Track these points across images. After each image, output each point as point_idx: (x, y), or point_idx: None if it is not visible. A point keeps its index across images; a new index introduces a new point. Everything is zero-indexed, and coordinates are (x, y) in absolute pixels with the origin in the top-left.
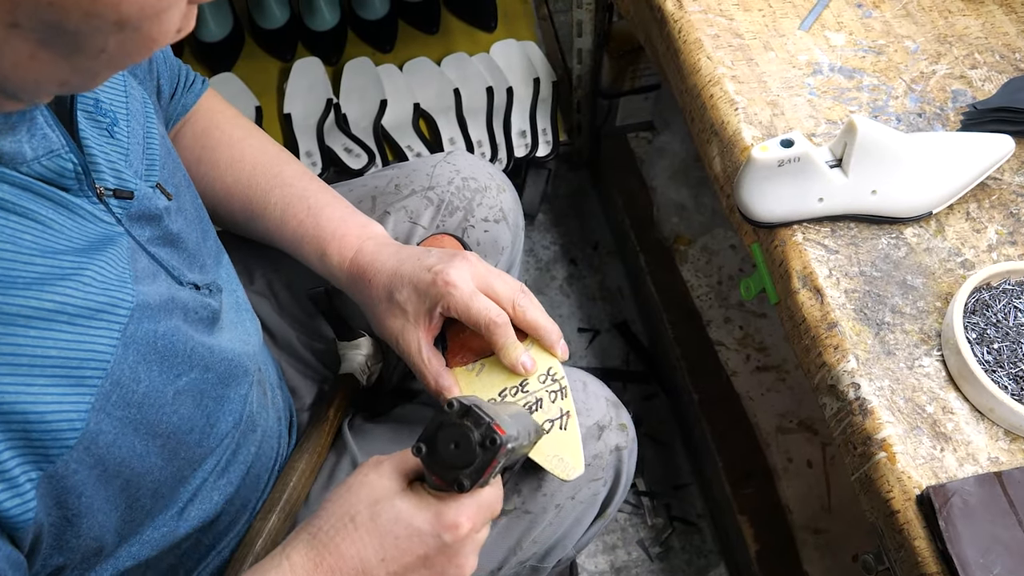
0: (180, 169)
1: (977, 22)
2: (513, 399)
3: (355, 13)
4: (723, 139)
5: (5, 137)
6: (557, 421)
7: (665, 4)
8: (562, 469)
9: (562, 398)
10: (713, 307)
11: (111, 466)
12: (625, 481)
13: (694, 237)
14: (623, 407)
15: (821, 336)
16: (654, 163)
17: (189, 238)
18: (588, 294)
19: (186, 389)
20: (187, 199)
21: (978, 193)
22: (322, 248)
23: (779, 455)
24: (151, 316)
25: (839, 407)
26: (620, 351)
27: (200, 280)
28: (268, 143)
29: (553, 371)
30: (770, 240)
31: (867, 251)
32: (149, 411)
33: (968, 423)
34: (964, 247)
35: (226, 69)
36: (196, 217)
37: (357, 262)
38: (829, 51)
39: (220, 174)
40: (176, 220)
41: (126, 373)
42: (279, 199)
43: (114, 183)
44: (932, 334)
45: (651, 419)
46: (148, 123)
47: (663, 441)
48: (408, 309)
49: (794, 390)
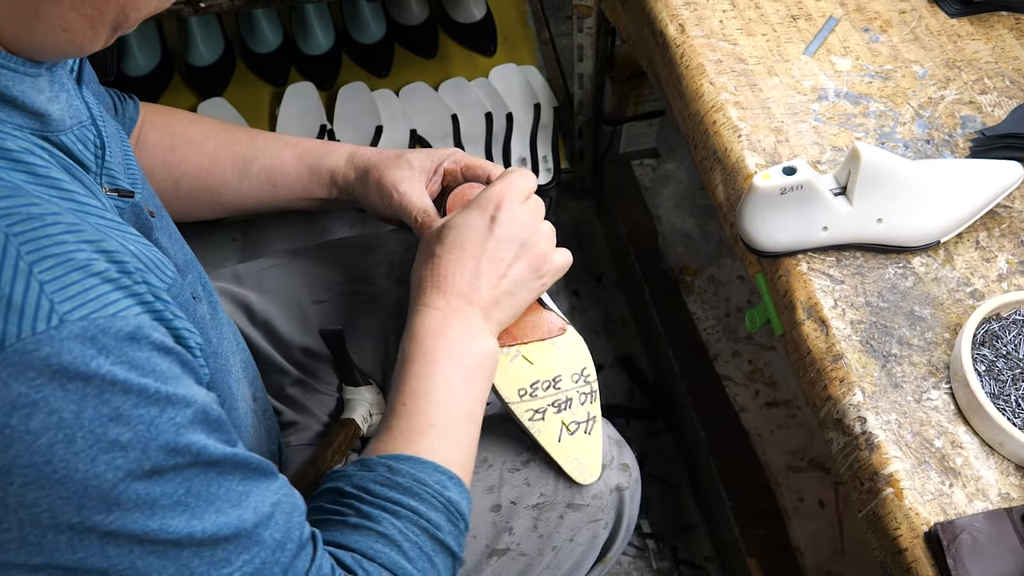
0: (155, 196)
1: (987, 46)
2: (545, 393)
3: (350, 36)
4: (726, 167)
5: (53, 103)
6: (583, 424)
7: (667, 29)
8: (579, 472)
9: (591, 402)
10: (720, 340)
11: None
12: (627, 524)
13: (701, 268)
14: (626, 445)
15: (826, 368)
16: (659, 191)
17: (176, 255)
18: (591, 327)
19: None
20: (169, 223)
21: (988, 221)
22: (327, 148)
23: (790, 495)
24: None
25: (845, 442)
26: (624, 386)
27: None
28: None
29: (587, 372)
30: (774, 270)
31: (873, 281)
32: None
33: (978, 458)
34: (973, 277)
35: (217, 94)
36: (180, 243)
37: (361, 151)
38: (835, 76)
39: (199, 146)
40: (160, 236)
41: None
42: (265, 140)
43: (110, 183)
44: (940, 366)
45: (656, 457)
46: (124, 145)
47: (669, 480)
48: (414, 163)
49: (805, 427)
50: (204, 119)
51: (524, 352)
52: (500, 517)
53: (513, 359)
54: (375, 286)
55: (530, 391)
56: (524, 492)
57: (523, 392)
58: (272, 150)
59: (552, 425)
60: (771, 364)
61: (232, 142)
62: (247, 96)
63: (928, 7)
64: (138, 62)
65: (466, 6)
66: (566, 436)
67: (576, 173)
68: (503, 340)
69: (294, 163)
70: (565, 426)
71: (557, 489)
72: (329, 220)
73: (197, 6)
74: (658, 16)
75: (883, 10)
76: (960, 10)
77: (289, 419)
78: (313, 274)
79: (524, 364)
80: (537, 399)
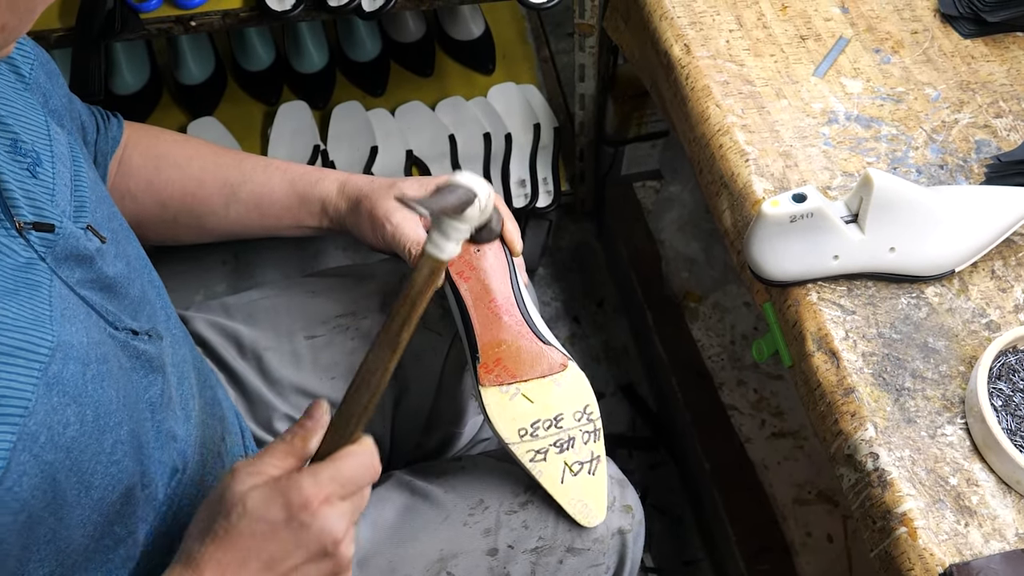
0: (118, 217)
1: (1002, 68)
2: (546, 432)
3: (344, 54)
4: (733, 192)
5: None
6: (587, 464)
7: (672, 49)
8: (584, 515)
9: (595, 441)
10: (725, 369)
11: (35, 512)
12: (631, 567)
13: (705, 294)
14: (629, 486)
15: (837, 402)
16: (662, 214)
17: (131, 285)
18: (592, 354)
19: (126, 439)
20: (129, 248)
21: (1004, 250)
22: (318, 175)
23: (797, 529)
24: (77, 358)
25: (857, 478)
26: (626, 416)
27: (140, 327)
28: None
29: (589, 410)
30: (783, 300)
31: (886, 312)
32: (81, 458)
33: (994, 496)
34: (989, 307)
35: (207, 113)
36: (141, 267)
37: (353, 180)
38: (845, 99)
39: (185, 168)
40: (113, 264)
41: (52, 415)
42: (254, 164)
43: (33, 216)
44: (955, 400)
45: (659, 489)
46: (76, 166)
47: (672, 513)
48: (408, 193)
49: (812, 458)
50: (191, 140)
51: (524, 390)
52: (497, 562)
53: (512, 397)
54: (368, 320)
55: (531, 431)
56: (522, 536)
57: (523, 432)
58: (260, 176)
59: (554, 466)
60: (778, 393)
61: (220, 166)
62: (238, 115)
63: (941, 27)
64: (126, 80)
65: (464, 23)
66: (569, 477)
67: (577, 195)
68: (502, 378)
69: (283, 190)
70: (568, 467)
71: (556, 532)
72: (323, 244)
73: (187, 25)
74: (662, 36)
75: (895, 30)
76: (974, 31)
77: None
78: (305, 307)
79: (524, 403)
80: (538, 439)
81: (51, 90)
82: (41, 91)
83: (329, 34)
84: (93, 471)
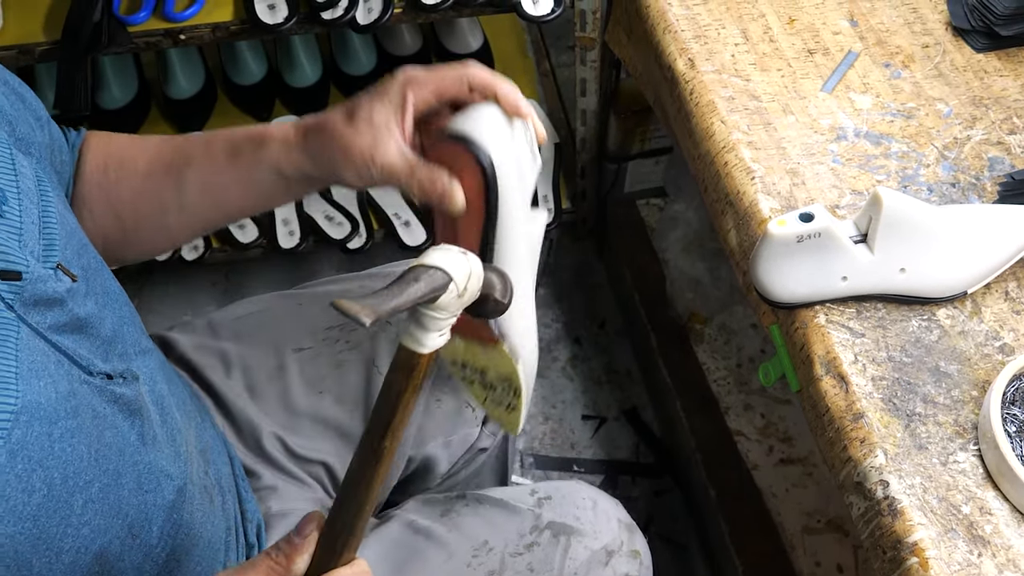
0: (89, 250)
1: (1016, 83)
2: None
3: (339, 68)
4: (739, 211)
5: None
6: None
7: (676, 63)
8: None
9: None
10: (732, 393)
11: None
12: None
13: (711, 315)
14: (638, 531)
15: (846, 428)
16: (666, 233)
17: (103, 323)
18: (594, 377)
19: (97, 497)
20: (100, 282)
21: (1018, 271)
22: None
23: (806, 558)
24: (44, 418)
25: (866, 507)
26: (629, 441)
27: (113, 369)
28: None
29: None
30: (790, 322)
31: (896, 334)
32: (49, 524)
33: (1008, 525)
34: (1003, 330)
35: (197, 128)
36: (114, 301)
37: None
38: (854, 115)
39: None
40: (85, 303)
41: (16, 484)
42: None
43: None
44: (968, 426)
45: (663, 517)
46: (44, 201)
47: (677, 542)
48: (375, 117)
49: (821, 486)
50: (146, 138)
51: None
52: None
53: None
54: (357, 332)
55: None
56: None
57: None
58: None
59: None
60: (786, 418)
61: (161, 153)
62: None
63: (953, 41)
64: (113, 94)
65: (462, 35)
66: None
67: (578, 213)
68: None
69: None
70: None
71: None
72: (317, 264)
73: (177, 39)
74: (666, 50)
75: (905, 44)
76: (987, 44)
77: (268, 483)
78: (293, 319)
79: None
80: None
81: (17, 116)
82: (6, 120)
83: (323, 47)
84: (63, 536)
